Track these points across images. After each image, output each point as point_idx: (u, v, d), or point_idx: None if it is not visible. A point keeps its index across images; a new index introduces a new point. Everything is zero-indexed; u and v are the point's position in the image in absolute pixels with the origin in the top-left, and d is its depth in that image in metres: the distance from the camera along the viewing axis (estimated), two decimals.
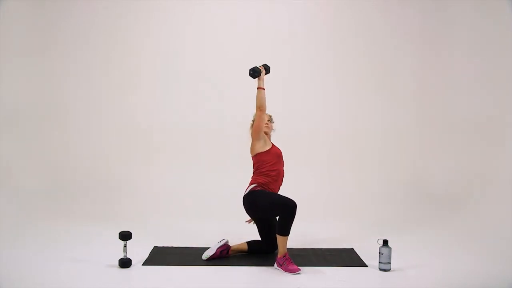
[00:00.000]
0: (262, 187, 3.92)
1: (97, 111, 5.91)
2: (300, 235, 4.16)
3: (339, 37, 6.00)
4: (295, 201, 3.66)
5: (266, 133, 4.12)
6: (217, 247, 3.89)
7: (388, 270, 3.58)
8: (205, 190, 5.65)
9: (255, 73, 3.95)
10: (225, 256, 3.90)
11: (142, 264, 3.70)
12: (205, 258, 3.85)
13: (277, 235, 3.66)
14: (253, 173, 4.06)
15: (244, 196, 3.96)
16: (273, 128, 4.24)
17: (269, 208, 3.78)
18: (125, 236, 3.57)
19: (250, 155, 4.08)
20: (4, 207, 4.98)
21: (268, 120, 4.18)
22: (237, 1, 5.99)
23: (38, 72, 5.78)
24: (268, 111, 4.12)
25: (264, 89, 3.97)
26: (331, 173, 5.86)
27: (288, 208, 3.63)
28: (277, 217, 3.76)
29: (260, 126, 3.97)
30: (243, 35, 5.95)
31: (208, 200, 5.50)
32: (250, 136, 4.08)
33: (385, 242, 3.60)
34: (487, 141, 5.34)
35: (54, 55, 5.84)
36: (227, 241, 3.97)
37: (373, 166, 5.95)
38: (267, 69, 4.09)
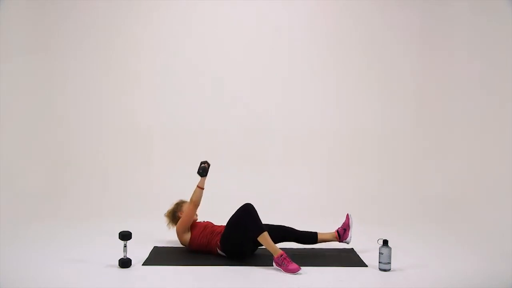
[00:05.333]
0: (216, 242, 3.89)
1: (97, 111, 5.92)
2: None
3: (339, 36, 6.01)
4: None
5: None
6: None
7: (388, 270, 3.57)
8: (205, 190, 5.63)
9: (203, 172, 4.07)
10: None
11: (142, 264, 3.69)
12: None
13: (257, 238, 3.63)
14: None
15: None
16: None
17: (235, 228, 3.75)
18: (125, 236, 3.57)
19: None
20: (4, 207, 4.98)
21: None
22: (238, 1, 6.00)
23: (38, 72, 5.78)
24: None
25: (203, 189, 4.05)
26: (331, 173, 5.87)
27: (244, 213, 3.70)
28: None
29: (189, 220, 4.01)
30: (243, 35, 5.97)
31: (208, 200, 5.49)
32: (175, 228, 4.08)
33: (385, 242, 3.59)
34: (487, 141, 5.33)
35: (54, 55, 5.85)
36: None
37: (373, 166, 5.96)
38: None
